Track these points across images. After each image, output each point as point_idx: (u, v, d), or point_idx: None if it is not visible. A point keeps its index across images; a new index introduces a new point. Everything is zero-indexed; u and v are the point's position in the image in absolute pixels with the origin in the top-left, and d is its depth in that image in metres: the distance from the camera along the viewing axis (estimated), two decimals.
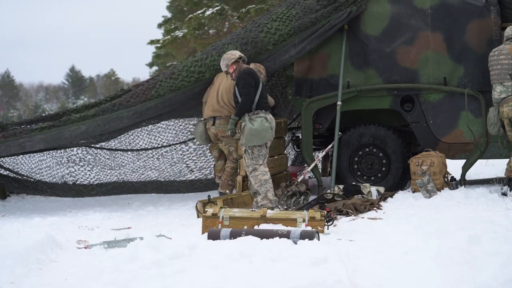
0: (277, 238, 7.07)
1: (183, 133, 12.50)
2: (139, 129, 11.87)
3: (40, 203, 11.62)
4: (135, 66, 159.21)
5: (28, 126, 11.13)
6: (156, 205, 11.17)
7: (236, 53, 10.21)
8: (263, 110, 9.94)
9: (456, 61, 10.92)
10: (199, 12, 25.90)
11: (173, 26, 31.19)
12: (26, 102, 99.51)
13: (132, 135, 12.04)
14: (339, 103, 10.99)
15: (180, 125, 12.43)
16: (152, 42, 33.65)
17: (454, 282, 5.68)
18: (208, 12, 25.25)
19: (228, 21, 25.77)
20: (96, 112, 10.92)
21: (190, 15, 26.63)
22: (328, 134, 11.54)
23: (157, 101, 10.92)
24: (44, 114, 22.62)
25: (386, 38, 11.14)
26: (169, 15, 35.99)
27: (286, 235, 7.13)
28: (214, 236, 7.38)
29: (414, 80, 11.03)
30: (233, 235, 7.27)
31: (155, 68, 41.76)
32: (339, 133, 11.01)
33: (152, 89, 11.00)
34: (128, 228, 9.01)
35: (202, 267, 6.06)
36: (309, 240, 6.95)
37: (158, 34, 54.76)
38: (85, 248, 7.63)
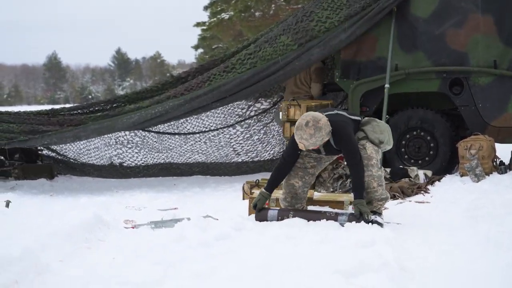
0: (324, 220, 7.04)
1: (231, 116, 12.52)
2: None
3: (87, 183, 11.72)
4: (180, 49, 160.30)
5: (79, 111, 11.27)
6: (202, 186, 11.19)
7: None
8: None
9: (507, 44, 10.74)
10: None
11: (219, 9, 31.14)
12: (72, 83, 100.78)
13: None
14: (387, 85, 10.90)
15: (229, 109, 12.47)
16: (198, 24, 33.64)
17: (503, 267, 5.62)
18: None
19: (275, 3, 25.69)
20: (150, 103, 11.01)
21: None
22: (375, 117, 11.44)
23: (206, 89, 10.89)
24: (93, 100, 22.79)
25: (435, 20, 11.00)
26: None
27: (334, 217, 7.09)
28: (261, 217, 7.36)
29: (463, 63, 10.89)
30: (281, 216, 7.24)
31: (200, 50, 41.82)
32: (387, 116, 10.92)
33: (205, 82, 11.02)
34: (175, 208, 9.04)
35: (249, 248, 6.06)
36: (356, 223, 6.91)
37: (204, 17, 54.83)
38: (132, 228, 7.68)
